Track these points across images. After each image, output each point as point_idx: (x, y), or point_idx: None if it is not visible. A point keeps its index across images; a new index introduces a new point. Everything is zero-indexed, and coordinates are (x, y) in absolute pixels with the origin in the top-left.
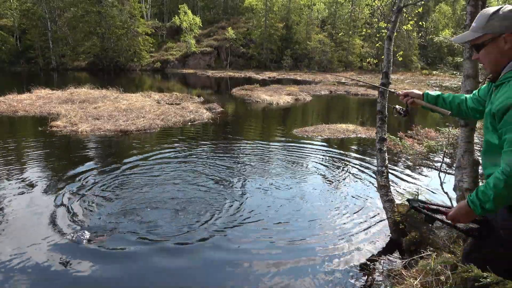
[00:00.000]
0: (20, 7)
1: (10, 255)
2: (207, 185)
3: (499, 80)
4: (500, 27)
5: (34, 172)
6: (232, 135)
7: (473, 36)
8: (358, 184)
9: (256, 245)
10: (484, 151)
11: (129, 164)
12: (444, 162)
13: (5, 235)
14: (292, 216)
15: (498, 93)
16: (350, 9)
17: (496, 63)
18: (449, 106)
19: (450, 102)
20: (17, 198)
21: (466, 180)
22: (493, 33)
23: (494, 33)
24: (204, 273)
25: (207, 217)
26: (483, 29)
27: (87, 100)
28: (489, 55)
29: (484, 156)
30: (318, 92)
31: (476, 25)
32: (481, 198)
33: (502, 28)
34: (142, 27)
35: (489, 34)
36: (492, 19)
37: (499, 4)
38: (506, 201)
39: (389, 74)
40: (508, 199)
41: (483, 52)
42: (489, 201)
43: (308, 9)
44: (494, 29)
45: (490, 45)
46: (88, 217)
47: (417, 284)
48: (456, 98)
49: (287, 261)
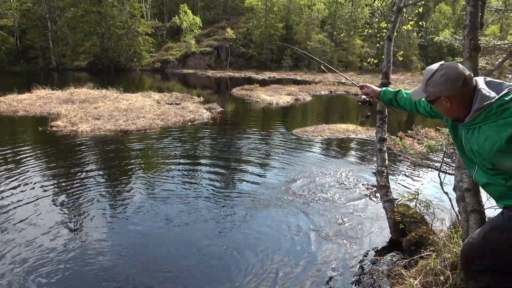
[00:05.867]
0: (20, 7)
1: (6, 255)
2: (206, 186)
3: (467, 124)
4: (435, 92)
5: (34, 172)
6: (232, 135)
7: (422, 95)
8: (358, 184)
9: (255, 245)
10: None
11: (129, 164)
12: (444, 162)
13: (3, 235)
14: (290, 215)
15: (473, 136)
16: (350, 9)
17: (447, 114)
18: (403, 107)
19: (404, 104)
20: (17, 198)
21: (466, 180)
22: (433, 96)
23: (434, 96)
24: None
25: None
26: (425, 92)
27: (87, 100)
28: (439, 109)
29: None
30: (318, 92)
31: (421, 86)
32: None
33: (437, 93)
34: (142, 27)
35: (431, 96)
36: (428, 85)
37: (499, 4)
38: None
39: (389, 74)
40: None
41: (434, 106)
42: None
43: (308, 9)
44: (431, 94)
45: (435, 103)
46: (88, 218)
47: (417, 284)
48: (411, 99)
49: (285, 261)
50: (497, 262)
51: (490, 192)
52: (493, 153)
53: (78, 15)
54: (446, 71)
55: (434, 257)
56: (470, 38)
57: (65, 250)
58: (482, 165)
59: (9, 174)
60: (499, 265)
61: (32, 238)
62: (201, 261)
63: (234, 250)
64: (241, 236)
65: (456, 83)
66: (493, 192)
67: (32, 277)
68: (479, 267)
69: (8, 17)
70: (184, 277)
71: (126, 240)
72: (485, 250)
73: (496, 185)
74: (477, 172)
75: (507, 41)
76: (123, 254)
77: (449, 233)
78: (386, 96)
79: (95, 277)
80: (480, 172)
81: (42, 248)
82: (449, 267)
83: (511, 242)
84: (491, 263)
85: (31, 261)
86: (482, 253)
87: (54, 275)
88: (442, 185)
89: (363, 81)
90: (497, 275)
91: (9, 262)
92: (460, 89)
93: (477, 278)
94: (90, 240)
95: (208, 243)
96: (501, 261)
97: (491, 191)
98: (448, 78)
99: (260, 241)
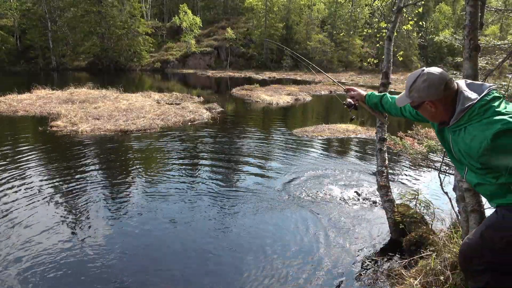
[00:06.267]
0: (20, 7)
1: (5, 255)
2: (205, 187)
3: (453, 126)
4: (419, 97)
5: (34, 172)
6: (232, 135)
7: (407, 101)
8: (358, 184)
9: (253, 244)
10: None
11: (129, 164)
12: (444, 162)
13: (3, 234)
14: (290, 215)
15: (460, 137)
16: (350, 9)
17: (433, 119)
18: (388, 111)
19: (390, 108)
20: (17, 198)
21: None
22: (417, 102)
23: (418, 102)
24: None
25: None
26: (409, 97)
27: (87, 100)
28: (424, 113)
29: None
30: (318, 92)
31: (405, 92)
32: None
33: (420, 98)
34: (142, 27)
35: (415, 101)
36: (411, 91)
37: (499, 4)
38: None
39: (389, 74)
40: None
41: (419, 111)
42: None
43: (308, 9)
44: (415, 99)
45: (420, 109)
46: (88, 217)
47: (417, 284)
48: (396, 104)
49: (286, 260)
50: (495, 261)
51: (482, 192)
52: (481, 151)
53: (78, 15)
54: (428, 76)
55: (434, 257)
56: (470, 38)
57: (65, 250)
58: (471, 165)
59: (9, 174)
60: (498, 264)
61: (32, 238)
62: (202, 261)
63: (234, 250)
64: (241, 236)
65: (438, 88)
66: (485, 191)
67: (31, 277)
68: (478, 267)
69: (8, 17)
70: (185, 277)
71: (126, 240)
72: (484, 249)
73: (487, 185)
74: (468, 173)
75: (507, 41)
76: (123, 254)
77: (449, 233)
78: (372, 100)
79: (95, 277)
80: (470, 172)
81: (42, 248)
82: (449, 267)
83: (506, 240)
84: (490, 263)
85: (30, 261)
86: (481, 252)
87: (54, 275)
88: (442, 185)
89: (363, 81)
90: (496, 275)
91: (8, 262)
92: (443, 93)
93: (476, 278)
94: (90, 240)
95: (209, 243)
96: (499, 260)
97: (483, 191)
98: (431, 84)
99: (260, 241)
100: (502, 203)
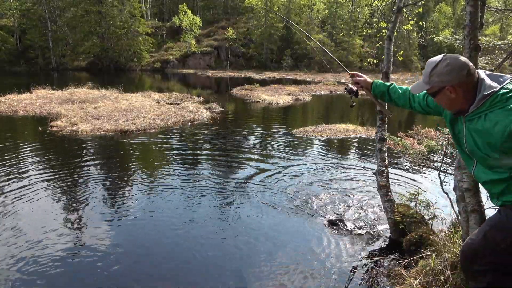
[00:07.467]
0: (20, 7)
1: (5, 255)
2: (206, 187)
3: (471, 114)
4: (440, 82)
5: (33, 171)
6: (232, 135)
7: (424, 88)
8: (358, 184)
9: (253, 244)
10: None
11: (129, 164)
12: (444, 162)
13: (3, 234)
14: (290, 215)
15: (479, 124)
16: (350, 9)
17: (450, 106)
18: (395, 101)
19: (397, 98)
20: (17, 197)
21: (466, 180)
22: (437, 87)
23: (438, 87)
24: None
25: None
26: (428, 83)
27: (87, 100)
28: (442, 101)
29: (478, 170)
30: (318, 92)
31: (423, 78)
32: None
33: (442, 83)
34: (142, 27)
35: (435, 87)
36: (432, 75)
37: (499, 4)
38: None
39: (389, 74)
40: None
41: (437, 99)
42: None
43: (308, 9)
44: (436, 84)
45: (439, 95)
46: (88, 217)
47: (417, 284)
48: (405, 94)
49: (285, 260)
50: (498, 262)
51: (491, 188)
52: (505, 136)
53: (78, 15)
54: (450, 61)
55: (434, 257)
56: (470, 38)
57: (64, 249)
58: (487, 156)
59: (9, 174)
60: (500, 265)
61: (32, 238)
62: (203, 261)
63: (234, 250)
64: (241, 236)
65: (461, 72)
66: (495, 188)
67: (32, 277)
68: (479, 267)
69: (8, 17)
70: (186, 276)
71: (126, 239)
72: (486, 250)
73: (497, 180)
74: (476, 167)
75: (507, 41)
76: (123, 253)
77: (449, 233)
78: (379, 88)
79: (96, 277)
80: (480, 167)
81: (41, 248)
82: (449, 267)
83: (510, 240)
84: (492, 263)
85: (30, 261)
86: (483, 253)
87: (53, 275)
88: (442, 185)
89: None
90: (498, 275)
91: (7, 262)
92: (465, 78)
93: (478, 279)
94: (90, 239)
95: (209, 243)
96: (501, 260)
97: (492, 187)
98: (453, 68)
99: (260, 241)
100: (509, 200)
